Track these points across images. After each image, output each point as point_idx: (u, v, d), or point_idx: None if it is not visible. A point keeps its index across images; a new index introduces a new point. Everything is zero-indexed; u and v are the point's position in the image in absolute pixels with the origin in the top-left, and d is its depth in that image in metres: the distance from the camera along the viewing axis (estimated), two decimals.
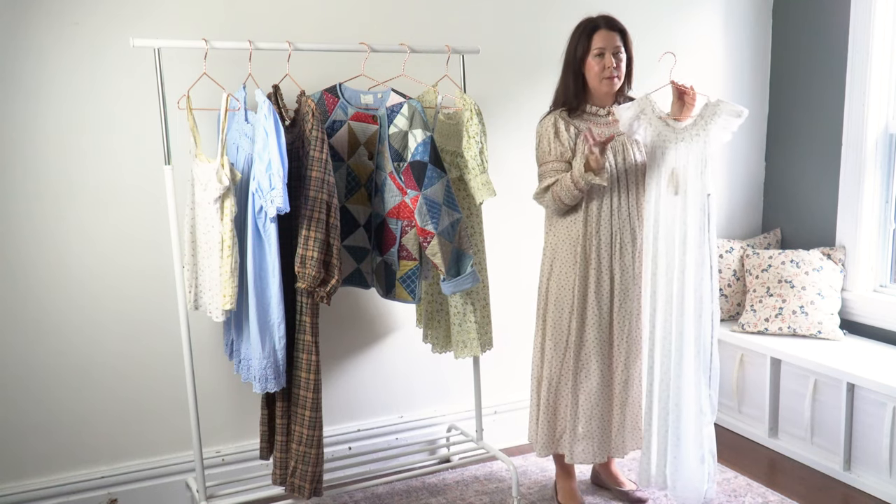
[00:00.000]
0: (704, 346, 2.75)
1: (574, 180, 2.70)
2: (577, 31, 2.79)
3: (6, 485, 2.83)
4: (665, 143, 2.75)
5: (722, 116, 2.67)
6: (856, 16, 3.60)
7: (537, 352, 2.95)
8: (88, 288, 2.87)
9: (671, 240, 2.76)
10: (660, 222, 2.77)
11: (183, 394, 2.80)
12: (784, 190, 4.07)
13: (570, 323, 2.83)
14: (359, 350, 3.34)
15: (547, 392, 2.89)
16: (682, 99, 2.80)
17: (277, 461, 2.71)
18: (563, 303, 2.83)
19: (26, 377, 2.82)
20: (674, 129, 2.74)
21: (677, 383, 2.79)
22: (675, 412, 2.80)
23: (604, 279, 2.81)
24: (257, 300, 2.55)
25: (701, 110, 2.72)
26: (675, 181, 2.73)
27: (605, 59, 2.74)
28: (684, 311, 2.75)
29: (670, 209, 2.75)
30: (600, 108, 2.83)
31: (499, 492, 3.19)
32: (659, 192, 2.77)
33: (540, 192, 2.82)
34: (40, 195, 2.77)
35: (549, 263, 2.88)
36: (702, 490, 2.81)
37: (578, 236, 2.80)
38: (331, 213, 2.54)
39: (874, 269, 3.69)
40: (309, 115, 2.55)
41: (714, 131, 2.68)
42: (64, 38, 2.73)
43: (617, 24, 2.78)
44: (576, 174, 2.69)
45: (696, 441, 2.79)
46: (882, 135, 3.61)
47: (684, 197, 2.72)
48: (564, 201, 2.75)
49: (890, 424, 3.07)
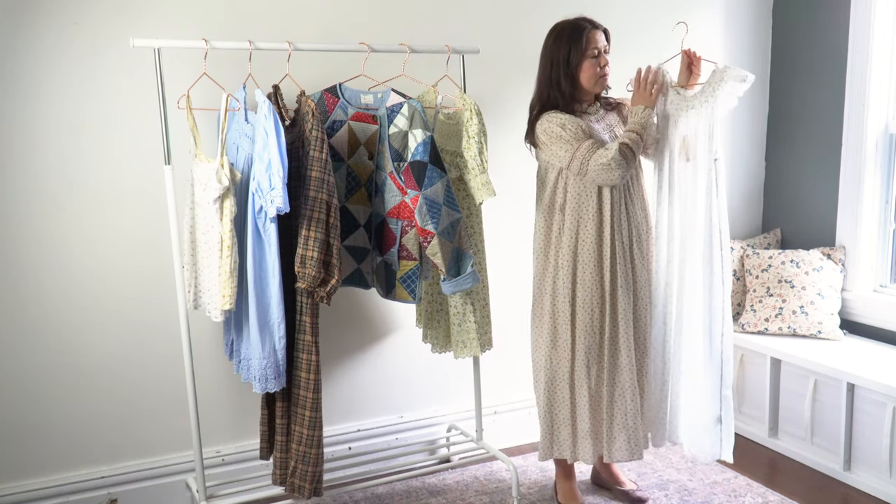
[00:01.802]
0: (715, 304, 2.77)
1: (638, 131, 2.72)
2: (565, 34, 2.78)
3: (6, 485, 2.83)
4: (676, 112, 2.80)
5: (728, 82, 2.70)
6: (856, 16, 3.60)
7: (563, 363, 2.84)
8: (88, 288, 2.87)
9: (685, 205, 2.79)
10: (674, 189, 2.81)
11: (183, 394, 2.80)
12: (784, 190, 4.07)
13: (601, 323, 2.81)
14: (359, 350, 3.34)
15: (588, 397, 2.82)
16: (689, 68, 2.83)
17: (277, 461, 2.71)
18: (594, 305, 2.80)
19: (26, 377, 2.82)
20: (684, 98, 2.79)
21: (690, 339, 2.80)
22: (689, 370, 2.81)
23: (628, 274, 2.82)
24: (257, 300, 2.55)
25: (709, 77, 2.75)
26: (686, 148, 2.77)
27: (601, 60, 2.76)
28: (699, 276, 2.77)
29: (683, 175, 2.79)
30: (588, 105, 2.85)
31: (499, 492, 3.19)
32: (672, 159, 2.81)
33: (598, 156, 2.68)
34: (40, 194, 2.77)
35: (570, 268, 2.79)
36: (715, 450, 2.80)
37: (600, 236, 2.78)
38: (331, 213, 2.54)
39: (874, 269, 3.69)
40: (309, 115, 2.55)
41: (721, 97, 2.71)
42: (64, 38, 2.74)
43: (600, 24, 2.81)
44: (636, 126, 2.73)
45: (713, 401, 2.78)
46: (882, 135, 3.61)
47: (694, 163, 2.76)
48: (635, 158, 2.74)
49: (890, 424, 3.07)
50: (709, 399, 2.80)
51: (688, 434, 2.87)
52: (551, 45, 2.81)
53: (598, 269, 2.79)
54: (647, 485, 3.22)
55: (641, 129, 2.75)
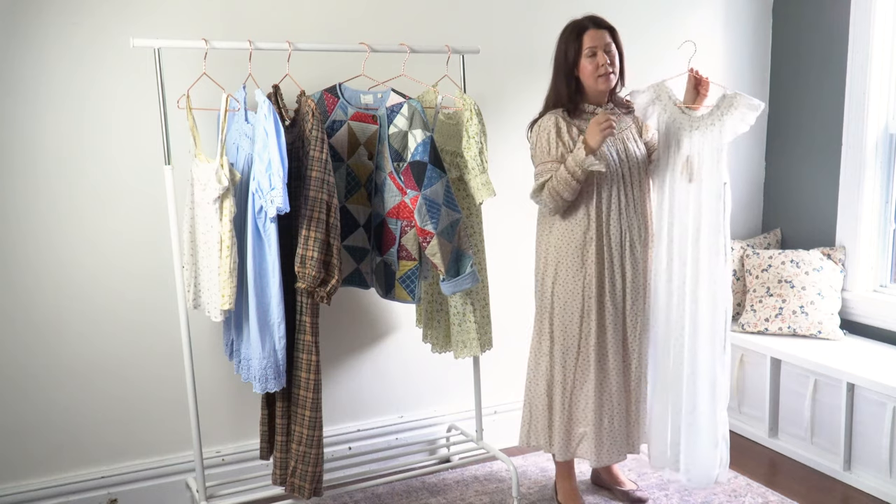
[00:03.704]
0: (718, 333, 2.77)
1: (571, 170, 2.67)
2: (564, 35, 2.80)
3: (6, 485, 2.83)
4: (679, 131, 2.78)
5: (739, 109, 2.70)
6: (856, 16, 3.60)
7: (543, 357, 2.90)
8: (88, 287, 2.87)
9: (684, 227, 2.78)
10: (674, 209, 2.80)
11: (183, 394, 2.80)
12: (784, 190, 4.07)
13: (581, 325, 2.81)
14: (359, 350, 3.34)
15: (561, 396, 2.85)
16: (696, 88, 2.83)
17: (277, 461, 2.71)
18: (573, 306, 2.81)
19: (26, 377, 2.82)
20: (689, 117, 2.78)
21: (692, 369, 2.80)
22: (689, 398, 2.80)
23: (617, 278, 2.81)
24: (257, 300, 2.55)
25: (718, 101, 2.75)
26: (690, 169, 2.76)
27: (598, 58, 2.74)
28: (698, 299, 2.77)
29: (684, 196, 2.78)
30: (597, 106, 2.84)
31: (499, 492, 3.19)
32: (673, 178, 2.79)
33: (536, 189, 2.79)
34: (39, 194, 2.77)
35: (554, 267, 2.84)
36: (713, 474, 2.83)
37: (585, 238, 2.78)
38: (331, 213, 2.54)
39: (874, 269, 3.69)
40: (309, 115, 2.55)
41: (730, 122, 2.71)
42: (64, 38, 2.73)
43: (604, 23, 2.79)
44: (571, 163, 2.67)
45: (711, 425, 2.80)
46: (882, 135, 3.61)
47: (699, 185, 2.75)
48: (563, 196, 2.71)
49: (890, 424, 3.07)
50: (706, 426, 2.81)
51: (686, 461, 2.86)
52: (557, 44, 2.83)
53: (580, 271, 2.79)
54: (647, 485, 3.22)
55: (574, 168, 2.65)
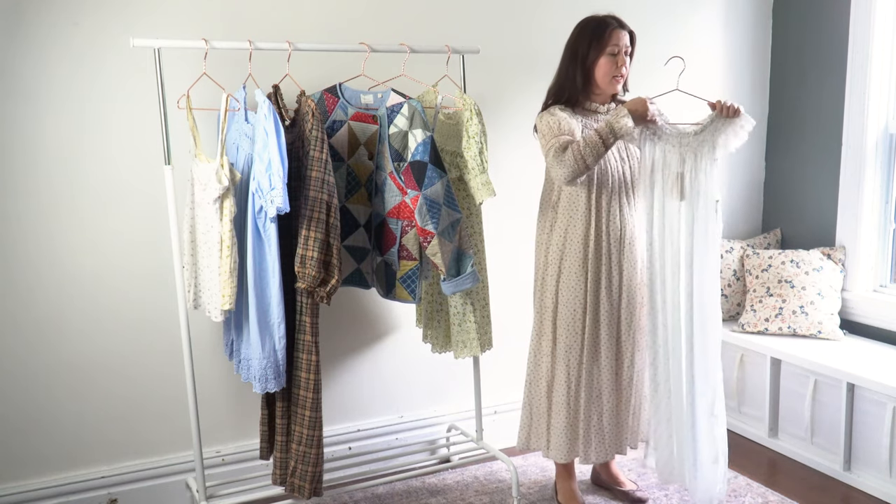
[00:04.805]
0: (708, 352, 2.76)
1: (603, 135, 2.59)
2: (587, 29, 2.76)
3: (6, 485, 2.83)
4: (671, 149, 2.75)
5: (733, 125, 2.67)
6: (856, 16, 3.60)
7: (544, 357, 2.89)
8: (88, 287, 2.87)
9: (675, 245, 2.75)
10: (665, 226, 2.77)
11: (183, 394, 2.80)
12: (784, 190, 4.07)
13: (584, 322, 2.82)
14: (359, 350, 3.34)
15: (566, 395, 2.84)
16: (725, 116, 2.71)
17: (277, 461, 2.71)
18: (577, 303, 2.81)
19: (26, 377, 2.82)
20: (680, 134, 2.74)
21: (690, 388, 2.79)
22: (689, 417, 2.80)
23: (614, 276, 2.81)
24: (257, 300, 2.55)
25: (710, 116, 2.71)
26: (681, 186, 2.73)
27: (619, 59, 2.74)
28: (693, 318, 2.76)
29: (675, 214, 2.75)
30: (600, 105, 2.83)
31: (499, 492, 3.19)
32: (664, 196, 2.76)
33: (558, 149, 2.65)
34: (39, 194, 2.77)
35: (555, 266, 2.83)
36: (714, 491, 2.82)
37: (586, 236, 2.78)
38: (331, 213, 2.54)
39: (874, 269, 3.69)
40: (309, 115, 2.55)
41: (721, 139, 2.68)
42: (64, 38, 2.73)
43: (627, 25, 2.79)
44: (605, 128, 2.59)
45: (710, 441, 2.80)
46: (882, 135, 3.61)
47: (690, 202, 2.72)
48: (587, 160, 2.61)
49: (890, 424, 3.07)
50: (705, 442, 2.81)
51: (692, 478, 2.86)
52: (574, 37, 2.79)
53: (582, 269, 2.79)
54: (647, 485, 3.22)
55: (608, 133, 2.60)
